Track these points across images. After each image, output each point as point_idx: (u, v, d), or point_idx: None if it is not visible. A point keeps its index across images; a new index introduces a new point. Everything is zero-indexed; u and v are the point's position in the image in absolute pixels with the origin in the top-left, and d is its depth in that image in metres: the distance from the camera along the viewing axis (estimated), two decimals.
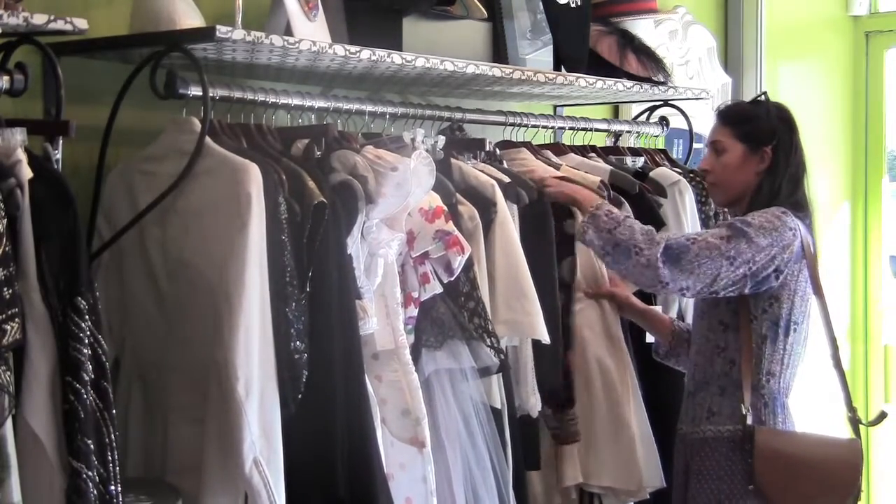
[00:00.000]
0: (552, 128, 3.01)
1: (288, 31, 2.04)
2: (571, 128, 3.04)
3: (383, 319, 2.04)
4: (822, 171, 4.70)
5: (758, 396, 2.42)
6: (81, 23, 1.68)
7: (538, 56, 2.97)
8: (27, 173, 1.54)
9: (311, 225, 1.86)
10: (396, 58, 2.18)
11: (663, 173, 3.00)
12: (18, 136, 1.57)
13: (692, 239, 2.38)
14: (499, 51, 2.81)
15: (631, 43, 3.03)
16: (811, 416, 2.62)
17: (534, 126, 2.88)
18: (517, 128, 2.83)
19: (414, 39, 2.44)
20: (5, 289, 1.46)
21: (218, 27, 1.82)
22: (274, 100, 2.11)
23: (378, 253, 2.03)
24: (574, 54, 2.84)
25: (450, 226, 2.15)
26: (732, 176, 2.52)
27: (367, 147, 2.08)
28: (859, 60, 5.01)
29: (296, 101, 2.15)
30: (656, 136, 3.36)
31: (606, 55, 2.97)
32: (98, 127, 2.00)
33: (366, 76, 2.40)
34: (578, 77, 2.74)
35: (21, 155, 1.55)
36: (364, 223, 1.99)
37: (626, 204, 2.71)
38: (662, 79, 3.04)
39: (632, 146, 3.24)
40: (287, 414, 1.80)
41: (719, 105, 2.66)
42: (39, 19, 1.62)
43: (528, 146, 2.82)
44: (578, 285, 2.63)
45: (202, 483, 1.81)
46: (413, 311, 2.15)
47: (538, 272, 2.44)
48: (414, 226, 2.13)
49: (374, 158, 2.02)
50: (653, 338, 2.80)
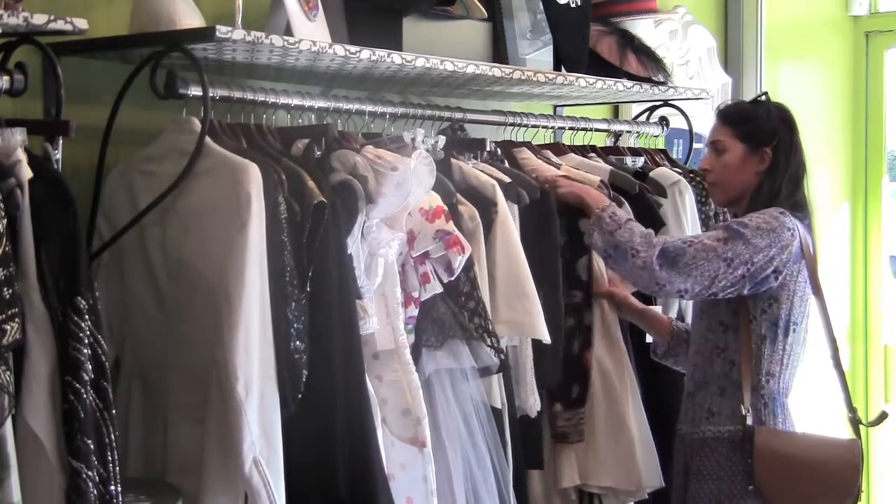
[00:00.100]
0: (552, 128, 3.01)
1: (288, 31, 2.04)
2: (571, 128, 3.04)
3: (384, 319, 2.04)
4: (822, 171, 4.70)
5: (757, 397, 2.42)
6: (81, 23, 1.68)
7: (538, 56, 2.97)
8: (27, 173, 1.54)
9: (311, 225, 1.86)
10: (396, 58, 2.18)
11: (663, 173, 2.99)
12: (18, 136, 1.57)
13: (689, 241, 2.39)
14: (499, 51, 2.81)
15: (631, 43, 3.03)
16: (811, 417, 2.62)
17: (534, 126, 2.88)
18: (517, 128, 2.83)
19: (414, 39, 2.44)
20: (5, 289, 1.46)
21: (218, 27, 1.82)
22: (274, 100, 2.11)
23: (378, 253, 2.03)
24: (574, 54, 2.84)
25: (450, 225, 2.15)
26: (732, 176, 2.52)
27: (368, 147, 2.08)
28: (859, 60, 5.01)
29: (296, 101, 2.15)
30: (656, 136, 3.36)
31: (606, 55, 2.97)
32: (98, 127, 2.00)
33: (366, 76, 2.39)
34: (578, 77, 2.74)
35: (21, 155, 1.55)
36: (364, 223, 1.99)
37: (627, 204, 2.71)
38: (662, 79, 3.04)
39: (632, 146, 3.24)
40: (287, 414, 1.80)
41: (719, 104, 2.65)
42: (39, 19, 1.62)
43: (528, 146, 2.82)
44: (596, 283, 2.63)
45: (202, 483, 1.81)
46: (413, 311, 2.15)
47: (543, 271, 2.44)
48: (414, 225, 2.13)
49: (375, 158, 2.02)
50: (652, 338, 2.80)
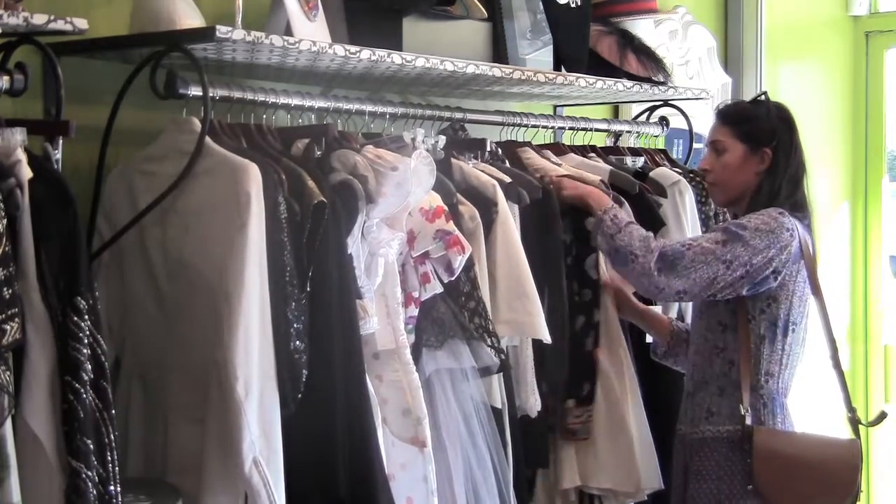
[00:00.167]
0: (552, 128, 3.01)
1: (288, 31, 2.04)
2: (571, 128, 3.04)
3: (384, 319, 2.04)
4: (822, 171, 4.69)
5: (756, 397, 2.42)
6: (81, 23, 1.68)
7: (538, 56, 2.97)
8: (27, 173, 1.54)
9: (311, 224, 1.86)
10: (396, 58, 2.18)
11: (663, 173, 2.99)
12: (18, 136, 1.57)
13: (687, 244, 2.39)
14: (499, 51, 2.81)
15: (631, 43, 3.02)
16: (811, 417, 2.62)
17: (534, 126, 2.88)
18: (517, 128, 2.83)
19: (414, 39, 2.44)
20: (5, 289, 1.46)
21: (218, 27, 1.82)
22: (274, 100, 2.11)
23: (378, 252, 2.03)
24: (574, 54, 2.84)
25: (450, 225, 2.15)
26: (732, 176, 2.52)
27: (368, 147, 2.08)
28: (859, 60, 5.01)
29: (296, 101, 2.15)
30: (656, 136, 3.35)
31: (606, 55, 2.97)
32: (98, 127, 2.00)
33: (366, 76, 2.39)
34: (578, 77, 2.74)
35: (21, 155, 1.55)
36: (364, 223, 1.99)
37: (627, 204, 2.71)
38: (662, 79, 3.04)
39: (632, 146, 3.24)
40: (287, 414, 1.80)
41: (719, 104, 2.65)
42: (39, 19, 1.62)
43: (529, 146, 2.82)
44: (602, 279, 2.63)
45: (202, 483, 1.81)
46: (413, 311, 2.15)
47: (546, 271, 2.45)
48: (414, 225, 2.13)
49: (375, 158, 2.02)
50: (652, 338, 2.80)
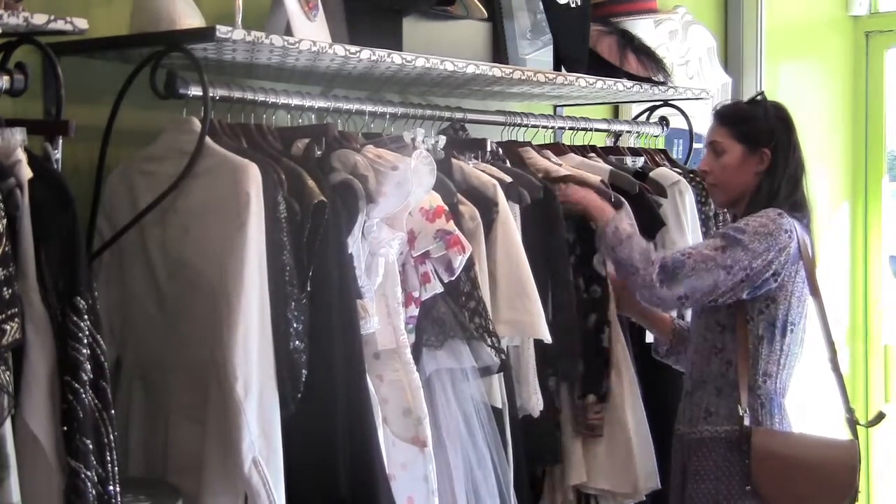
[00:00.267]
0: (552, 128, 3.01)
1: (288, 31, 2.04)
2: (571, 128, 3.04)
3: (384, 319, 2.04)
4: (822, 171, 4.69)
5: (754, 397, 2.42)
6: (81, 23, 1.68)
7: (538, 56, 2.97)
8: (27, 173, 1.54)
9: (312, 224, 1.86)
10: (396, 58, 2.18)
11: (663, 173, 2.99)
12: (18, 136, 1.57)
13: (687, 253, 2.40)
14: (499, 51, 2.81)
15: (631, 43, 3.02)
16: (810, 417, 2.62)
17: (534, 126, 2.88)
18: (517, 128, 2.83)
19: (414, 39, 2.44)
20: (5, 289, 1.45)
21: (218, 27, 1.82)
22: (274, 100, 2.11)
23: (379, 252, 2.03)
24: (574, 54, 2.84)
25: (451, 225, 2.15)
26: (732, 176, 2.52)
27: (368, 146, 2.08)
28: (859, 60, 5.01)
29: (296, 101, 2.15)
30: (656, 136, 3.35)
31: (606, 55, 2.97)
32: (98, 127, 2.00)
33: (366, 76, 2.39)
34: (578, 77, 2.74)
35: (21, 155, 1.55)
36: (365, 222, 1.99)
37: (627, 204, 2.71)
38: (662, 79, 3.04)
39: (632, 146, 3.24)
40: (287, 413, 1.80)
41: (716, 105, 2.64)
42: (39, 19, 1.62)
43: (529, 146, 2.82)
44: (610, 276, 2.64)
45: (202, 483, 1.81)
46: (414, 311, 2.15)
47: (551, 269, 2.47)
48: (415, 225, 2.13)
49: (375, 158, 2.02)
50: (652, 337, 2.80)
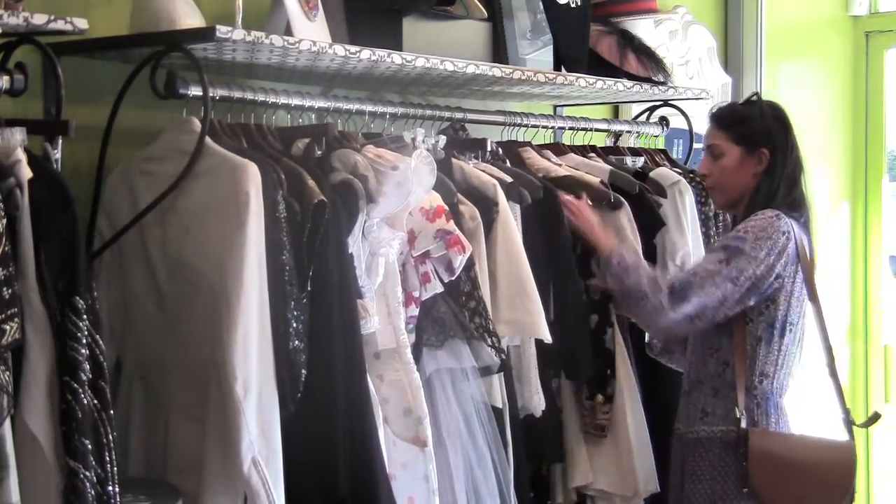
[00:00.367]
0: (552, 128, 3.01)
1: (288, 31, 2.03)
2: (571, 128, 3.04)
3: (384, 318, 2.04)
4: (822, 171, 4.69)
5: (750, 397, 2.42)
6: (81, 23, 1.68)
7: (538, 56, 2.97)
8: (27, 173, 1.54)
9: (312, 224, 1.85)
10: (396, 58, 2.18)
11: (663, 173, 2.99)
12: (18, 136, 1.57)
13: (692, 272, 2.40)
14: (499, 51, 2.81)
15: (631, 43, 3.02)
16: (809, 417, 2.61)
17: (534, 126, 2.88)
18: (517, 128, 2.83)
19: (414, 39, 2.44)
20: (5, 289, 1.45)
21: (218, 27, 1.82)
22: (274, 100, 2.11)
23: (379, 252, 2.03)
24: (574, 54, 2.84)
25: (451, 225, 2.15)
26: (731, 178, 2.52)
27: (368, 146, 2.08)
28: (859, 60, 5.01)
29: (296, 101, 2.15)
30: (656, 136, 3.35)
31: (606, 55, 2.97)
32: (98, 127, 1.99)
33: (366, 76, 2.39)
34: (578, 77, 2.74)
35: (21, 155, 1.55)
36: (365, 222, 1.99)
37: (626, 205, 2.71)
38: (662, 79, 3.04)
39: (632, 146, 3.24)
40: (286, 413, 1.80)
41: (712, 108, 2.64)
42: (39, 19, 1.62)
43: (529, 146, 2.82)
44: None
45: (202, 483, 1.81)
46: (414, 311, 2.15)
47: (556, 268, 2.48)
48: (415, 225, 2.13)
49: (375, 157, 2.02)
50: (648, 336, 2.79)
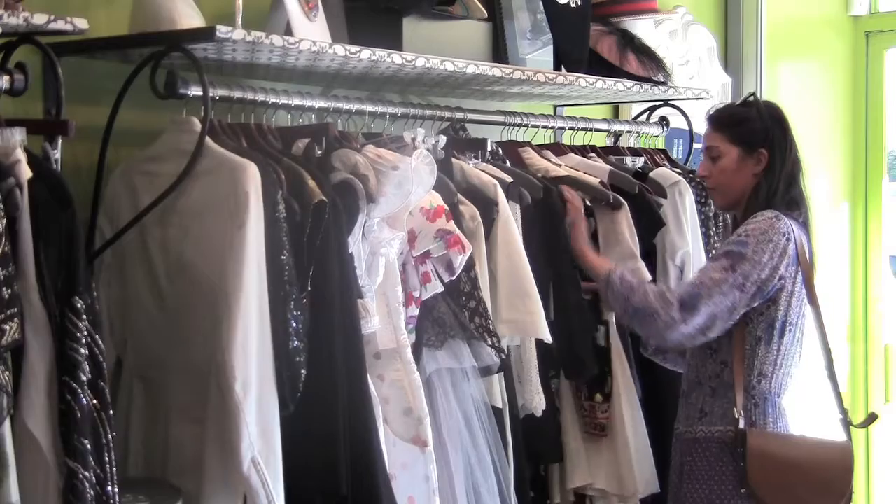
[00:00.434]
0: (552, 128, 3.01)
1: (288, 31, 2.03)
2: (571, 128, 3.04)
3: (385, 318, 2.04)
4: (822, 171, 4.69)
5: (748, 397, 2.41)
6: (81, 23, 1.68)
7: (538, 56, 2.96)
8: (26, 173, 1.54)
9: (312, 224, 1.85)
10: (396, 58, 2.18)
11: (663, 174, 2.99)
12: (18, 136, 1.57)
13: (699, 283, 2.38)
14: (499, 51, 2.80)
15: (631, 43, 3.03)
16: (809, 417, 2.61)
17: (534, 126, 2.88)
18: (517, 128, 2.83)
19: (414, 39, 2.44)
20: (4, 289, 1.45)
21: (218, 27, 1.82)
22: (274, 100, 2.11)
23: (379, 252, 2.03)
24: (574, 54, 2.84)
25: (451, 225, 2.15)
26: (731, 179, 2.51)
27: (368, 146, 2.08)
28: (859, 60, 5.01)
29: (296, 101, 2.15)
30: (656, 136, 3.36)
31: (606, 55, 2.97)
32: (98, 127, 1.99)
33: (366, 76, 2.39)
34: (578, 77, 2.74)
35: (20, 154, 1.55)
36: (365, 222, 1.99)
37: (626, 206, 2.70)
38: (662, 79, 3.04)
39: (632, 146, 3.24)
40: (286, 413, 1.80)
41: (709, 110, 2.63)
42: (39, 19, 1.62)
43: (529, 146, 2.83)
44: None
45: (202, 483, 1.81)
46: (414, 311, 2.15)
47: (557, 268, 2.48)
48: (415, 225, 2.13)
49: (375, 157, 2.01)
50: None
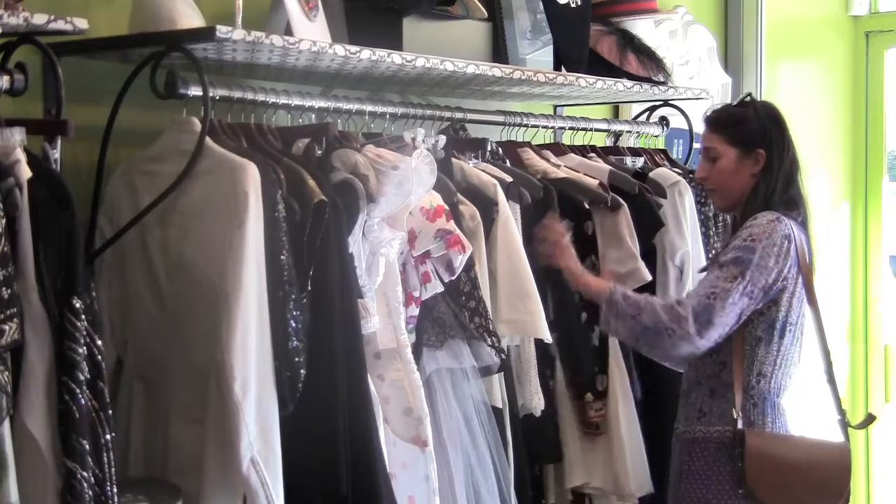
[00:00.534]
0: (552, 128, 3.01)
1: (288, 31, 2.03)
2: (571, 128, 3.04)
3: (385, 318, 2.04)
4: (822, 171, 4.69)
5: (747, 397, 2.41)
6: (81, 23, 1.68)
7: (538, 56, 2.96)
8: (26, 173, 1.53)
9: (312, 224, 1.85)
10: (396, 58, 2.18)
11: (663, 174, 2.99)
12: (17, 136, 1.57)
13: (709, 293, 2.35)
14: (499, 51, 2.81)
15: (631, 43, 3.03)
16: (807, 418, 2.61)
17: (534, 126, 2.88)
18: (517, 128, 2.83)
19: (414, 39, 2.44)
20: (4, 289, 1.45)
21: (218, 27, 1.82)
22: (274, 100, 2.11)
23: (379, 252, 2.03)
24: (574, 54, 2.84)
25: (451, 225, 2.15)
26: (730, 181, 2.51)
27: (368, 146, 2.08)
28: (859, 60, 5.01)
29: (296, 101, 2.15)
30: (656, 136, 3.36)
31: (606, 55, 2.97)
32: (98, 127, 1.99)
33: (366, 76, 2.39)
34: (578, 77, 2.74)
35: (20, 154, 1.55)
36: (365, 222, 1.99)
37: (625, 206, 2.70)
38: (662, 79, 3.04)
39: (632, 146, 3.24)
40: (286, 413, 1.80)
41: (706, 111, 2.62)
42: (39, 19, 1.62)
43: (529, 147, 2.83)
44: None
45: (201, 483, 1.81)
46: (414, 311, 2.15)
47: (551, 269, 2.47)
48: (415, 225, 2.13)
49: (375, 157, 2.02)
50: None
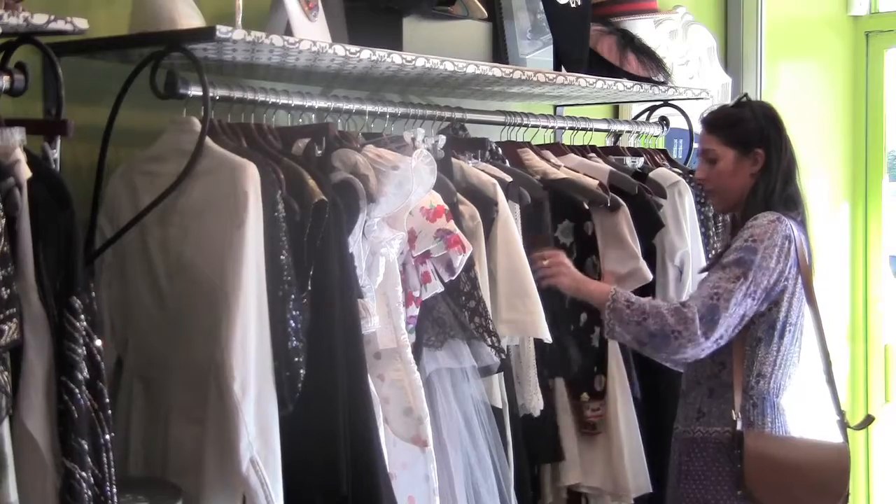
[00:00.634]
0: (552, 128, 3.01)
1: (288, 31, 2.03)
2: (571, 128, 3.04)
3: (385, 318, 2.04)
4: (822, 171, 4.69)
5: (746, 398, 2.41)
6: (81, 23, 1.68)
7: (538, 56, 2.96)
8: (26, 173, 1.53)
9: (312, 223, 1.85)
10: (396, 58, 2.18)
11: (663, 174, 2.99)
12: (17, 136, 1.57)
13: (714, 295, 2.35)
14: (499, 51, 2.81)
15: (631, 43, 3.03)
16: (806, 418, 2.62)
17: (534, 126, 2.88)
18: (517, 128, 2.83)
19: (414, 39, 2.44)
20: (3, 289, 1.45)
21: (218, 27, 1.82)
22: (274, 100, 2.11)
23: (379, 252, 2.03)
24: (574, 54, 2.84)
25: (451, 225, 2.15)
26: (728, 182, 2.51)
27: (368, 146, 2.08)
28: (859, 60, 5.01)
29: (296, 101, 2.15)
30: (656, 136, 3.36)
31: (606, 55, 2.97)
32: (98, 127, 1.99)
33: (366, 76, 2.39)
34: (578, 77, 2.74)
35: (20, 154, 1.55)
36: (365, 222, 1.99)
37: (625, 206, 2.70)
38: (662, 79, 3.04)
39: (632, 146, 3.24)
40: (285, 413, 1.80)
41: (703, 113, 2.62)
42: (39, 19, 1.62)
43: (529, 147, 2.83)
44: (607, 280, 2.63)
45: (201, 483, 1.81)
46: (414, 311, 2.15)
47: None
48: (415, 225, 2.13)
49: (376, 157, 2.02)
50: None
